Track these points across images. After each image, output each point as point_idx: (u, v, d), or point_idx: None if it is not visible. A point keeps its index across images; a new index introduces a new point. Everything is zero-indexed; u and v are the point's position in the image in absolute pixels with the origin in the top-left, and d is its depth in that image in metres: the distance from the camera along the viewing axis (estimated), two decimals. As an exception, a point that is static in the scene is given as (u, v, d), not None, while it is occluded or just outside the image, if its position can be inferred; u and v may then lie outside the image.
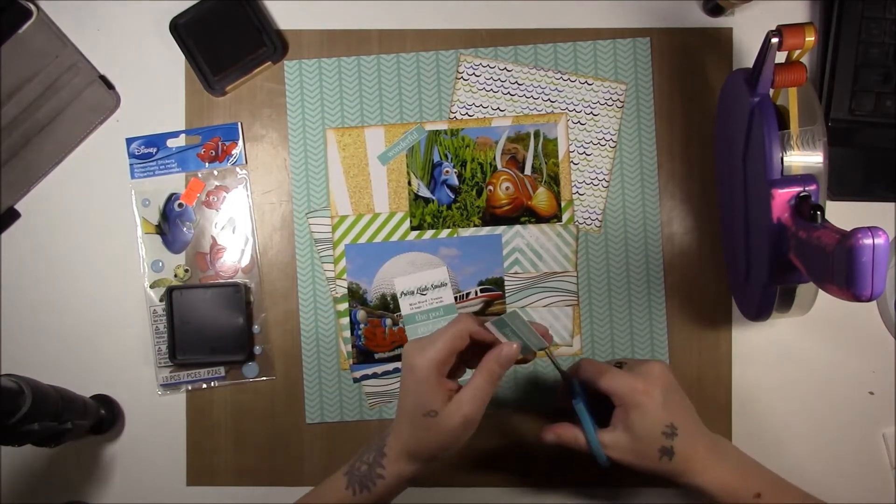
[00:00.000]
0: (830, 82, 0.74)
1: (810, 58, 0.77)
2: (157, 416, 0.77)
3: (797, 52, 0.61)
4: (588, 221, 0.77)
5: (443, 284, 0.75)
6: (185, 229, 0.77)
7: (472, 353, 0.61)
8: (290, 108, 0.77)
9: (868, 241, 0.50)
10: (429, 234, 0.77)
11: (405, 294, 0.75)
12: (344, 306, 0.77)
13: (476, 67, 0.77)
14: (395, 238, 0.77)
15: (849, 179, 0.75)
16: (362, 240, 0.77)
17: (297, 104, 0.77)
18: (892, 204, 0.76)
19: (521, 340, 0.60)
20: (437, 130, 0.77)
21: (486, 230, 0.77)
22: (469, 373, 0.62)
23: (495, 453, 0.76)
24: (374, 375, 0.77)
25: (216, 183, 0.77)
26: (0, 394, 0.59)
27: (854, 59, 0.74)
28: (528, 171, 0.77)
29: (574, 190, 0.77)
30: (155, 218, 0.77)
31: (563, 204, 0.77)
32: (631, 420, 0.61)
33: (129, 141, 0.77)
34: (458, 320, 0.60)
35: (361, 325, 0.77)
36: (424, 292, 0.75)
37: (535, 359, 0.63)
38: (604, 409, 0.64)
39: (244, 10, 0.75)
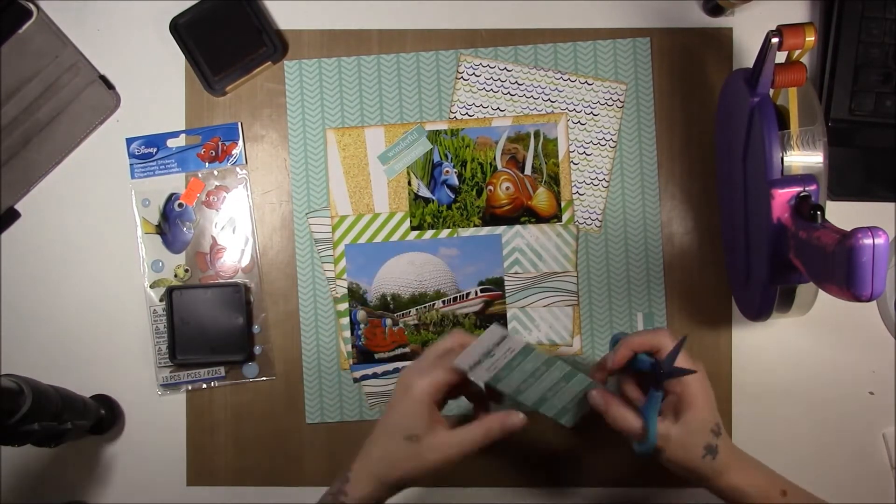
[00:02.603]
0: (830, 82, 0.74)
1: (810, 58, 0.77)
2: (157, 416, 0.77)
3: (797, 52, 0.61)
4: (588, 221, 0.77)
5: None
6: (185, 229, 0.77)
7: (464, 385, 0.61)
8: (290, 108, 0.77)
9: (868, 241, 0.50)
10: (429, 234, 0.77)
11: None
12: (344, 306, 0.77)
13: (476, 67, 0.77)
14: (395, 238, 0.77)
15: (849, 179, 0.75)
16: (362, 240, 0.77)
17: (297, 104, 0.77)
18: (892, 204, 0.76)
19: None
20: (437, 130, 0.77)
21: (486, 230, 0.77)
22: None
23: (496, 453, 0.76)
24: (374, 375, 0.77)
25: (216, 183, 0.77)
26: (0, 394, 0.59)
27: (854, 59, 0.74)
28: (528, 171, 0.77)
29: (574, 190, 0.77)
30: (155, 218, 0.77)
31: (563, 204, 0.77)
32: (689, 414, 0.59)
33: (129, 141, 0.77)
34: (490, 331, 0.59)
35: (361, 325, 0.77)
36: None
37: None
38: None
39: (244, 10, 0.75)
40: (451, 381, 0.59)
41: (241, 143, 0.77)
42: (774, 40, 0.59)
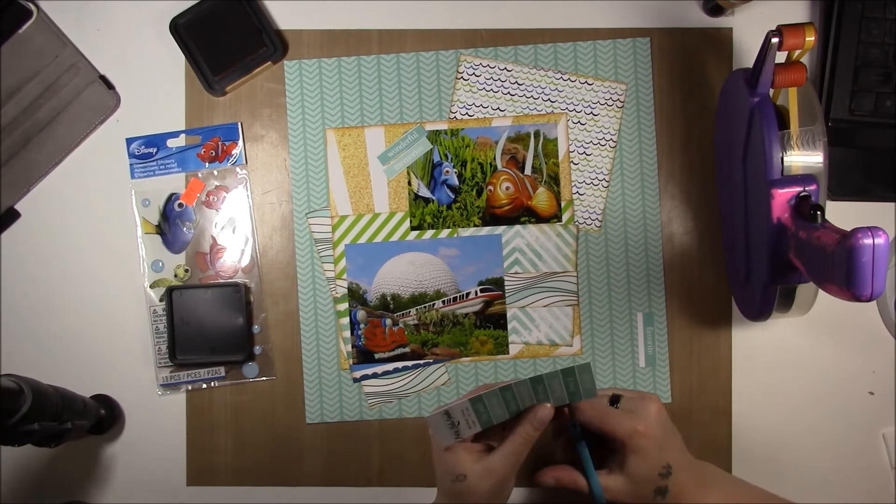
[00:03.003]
0: (830, 82, 0.74)
1: (810, 58, 0.77)
2: (157, 416, 0.77)
3: (797, 52, 0.61)
4: (588, 221, 0.77)
5: None
6: (185, 229, 0.77)
7: None
8: (290, 108, 0.77)
9: (868, 241, 0.50)
10: (429, 234, 0.77)
11: None
12: (344, 306, 0.77)
13: (476, 67, 0.77)
14: (395, 238, 0.77)
15: (849, 179, 0.75)
16: (362, 240, 0.77)
17: (297, 104, 0.77)
18: (892, 204, 0.76)
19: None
20: (437, 130, 0.77)
21: (486, 230, 0.77)
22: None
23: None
24: (374, 375, 0.77)
25: (216, 183, 0.77)
26: (0, 394, 0.59)
27: (854, 59, 0.74)
28: (528, 171, 0.77)
29: (574, 190, 0.77)
30: (155, 218, 0.77)
31: (563, 204, 0.77)
32: (630, 464, 0.60)
33: (129, 141, 0.77)
34: (477, 389, 0.61)
35: (361, 325, 0.77)
36: None
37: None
38: (598, 443, 0.63)
39: (244, 10, 0.75)
40: None
41: (241, 143, 0.77)
42: (774, 40, 0.59)
